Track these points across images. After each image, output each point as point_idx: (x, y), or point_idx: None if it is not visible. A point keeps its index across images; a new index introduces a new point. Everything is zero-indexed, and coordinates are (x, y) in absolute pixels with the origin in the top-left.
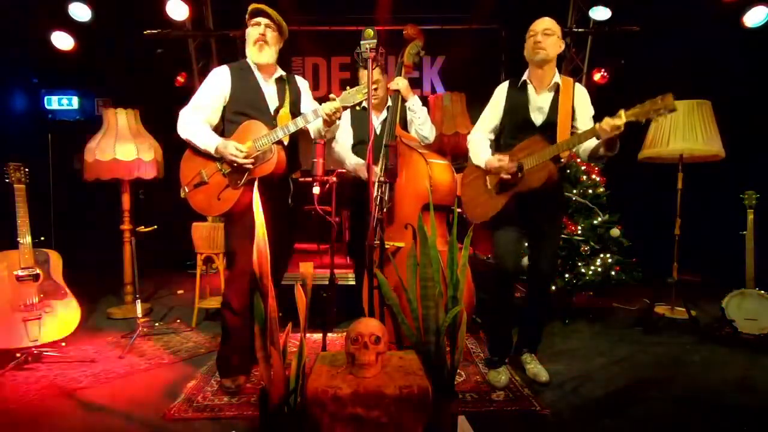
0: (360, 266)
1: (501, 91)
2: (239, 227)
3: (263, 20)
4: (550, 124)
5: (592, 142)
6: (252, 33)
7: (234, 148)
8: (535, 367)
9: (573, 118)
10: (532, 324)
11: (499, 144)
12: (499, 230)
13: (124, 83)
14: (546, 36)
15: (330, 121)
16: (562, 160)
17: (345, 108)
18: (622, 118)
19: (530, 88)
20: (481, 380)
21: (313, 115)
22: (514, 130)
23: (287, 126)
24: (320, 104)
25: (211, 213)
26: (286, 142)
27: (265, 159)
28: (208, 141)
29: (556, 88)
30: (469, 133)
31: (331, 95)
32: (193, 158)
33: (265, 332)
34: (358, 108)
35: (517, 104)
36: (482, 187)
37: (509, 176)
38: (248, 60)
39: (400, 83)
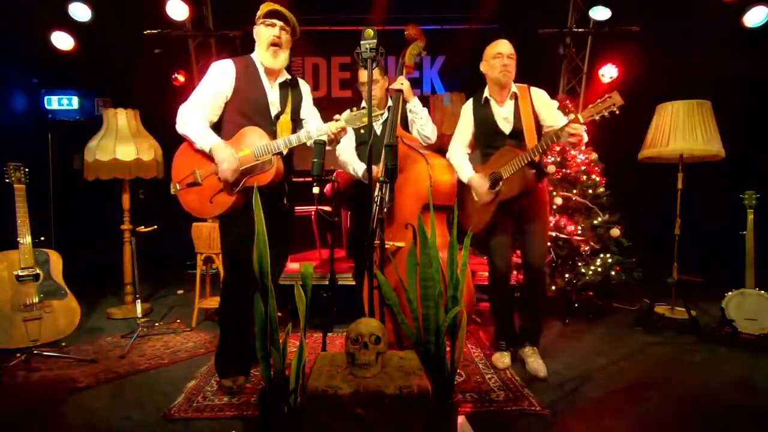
0: (360, 266)
1: (467, 110)
2: (234, 231)
3: (278, 22)
4: (518, 131)
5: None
6: (266, 34)
7: (226, 163)
8: (535, 362)
9: (541, 119)
10: (532, 318)
11: (480, 153)
12: (491, 233)
13: (124, 83)
14: (511, 60)
15: (335, 140)
16: (536, 160)
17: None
18: (580, 120)
19: (492, 102)
20: (481, 380)
21: (317, 131)
22: (487, 140)
23: (289, 139)
24: (319, 104)
25: (202, 215)
26: (285, 153)
27: (263, 169)
28: (205, 141)
29: (515, 97)
30: None
31: (336, 116)
32: (189, 155)
33: (265, 332)
34: (356, 109)
35: (485, 118)
36: (471, 197)
37: (491, 196)
38: (255, 58)
39: (404, 83)
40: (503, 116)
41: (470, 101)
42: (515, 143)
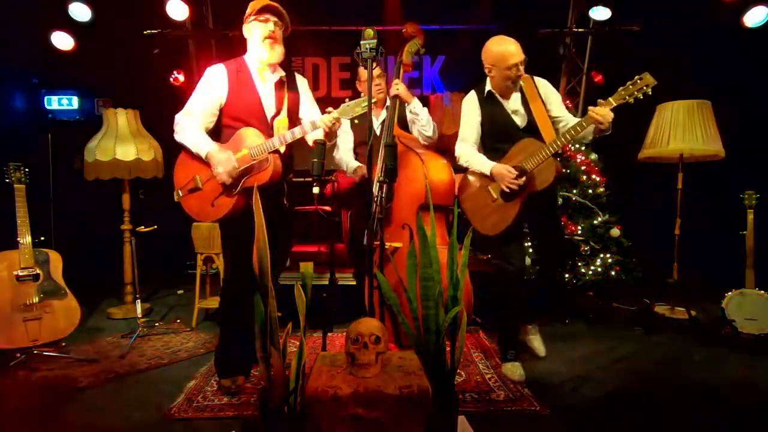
0: (360, 266)
1: (471, 103)
2: (235, 231)
3: (272, 17)
4: (533, 124)
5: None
6: (260, 29)
7: (221, 167)
8: (536, 340)
9: (548, 108)
10: (542, 299)
11: (485, 151)
12: (508, 233)
13: (124, 83)
14: (523, 66)
15: (331, 133)
16: (564, 148)
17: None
18: (611, 104)
19: (498, 97)
20: (481, 380)
21: (310, 126)
22: (498, 135)
23: (284, 135)
24: (319, 104)
25: (205, 219)
26: (282, 150)
27: (261, 168)
28: (201, 148)
29: (521, 89)
30: None
31: (329, 109)
32: (189, 162)
33: (265, 332)
34: (348, 100)
35: (494, 113)
36: (486, 197)
37: (516, 186)
38: (247, 59)
39: (400, 88)
40: (513, 109)
41: (472, 95)
42: (534, 138)
